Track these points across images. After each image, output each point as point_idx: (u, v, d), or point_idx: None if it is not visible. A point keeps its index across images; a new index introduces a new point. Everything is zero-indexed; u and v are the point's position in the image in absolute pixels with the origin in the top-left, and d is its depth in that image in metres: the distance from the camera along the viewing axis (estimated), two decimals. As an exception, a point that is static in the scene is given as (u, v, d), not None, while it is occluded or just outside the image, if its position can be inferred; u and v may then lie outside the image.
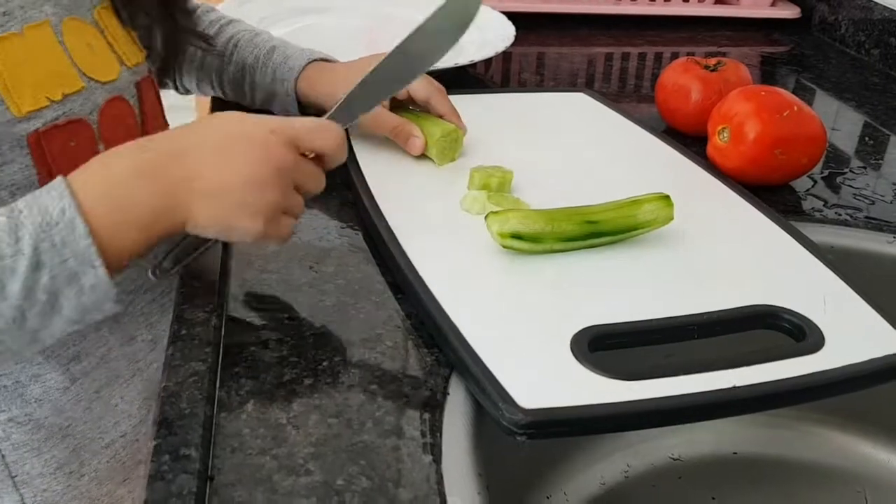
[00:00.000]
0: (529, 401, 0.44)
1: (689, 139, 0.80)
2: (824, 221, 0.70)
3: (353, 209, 0.67)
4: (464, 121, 0.73)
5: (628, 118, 0.82)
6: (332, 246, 0.62)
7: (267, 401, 0.47)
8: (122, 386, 0.67)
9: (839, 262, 0.59)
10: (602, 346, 0.50)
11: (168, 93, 0.79)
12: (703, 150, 0.75)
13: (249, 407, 0.47)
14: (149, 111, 0.65)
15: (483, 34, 1.02)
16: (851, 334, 0.52)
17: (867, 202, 0.74)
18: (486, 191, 0.65)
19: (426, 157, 0.71)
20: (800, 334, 0.52)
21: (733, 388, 0.46)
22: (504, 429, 0.44)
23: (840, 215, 0.71)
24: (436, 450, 0.45)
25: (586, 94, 0.88)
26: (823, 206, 0.73)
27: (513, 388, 0.45)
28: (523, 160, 0.70)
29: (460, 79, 0.94)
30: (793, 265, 0.59)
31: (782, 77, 1.11)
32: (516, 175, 0.67)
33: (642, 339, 0.52)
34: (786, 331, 0.53)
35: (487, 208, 0.62)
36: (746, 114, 0.71)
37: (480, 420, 0.48)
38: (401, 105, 0.75)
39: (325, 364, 0.50)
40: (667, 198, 0.59)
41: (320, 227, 0.64)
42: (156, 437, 0.43)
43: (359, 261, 0.60)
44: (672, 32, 1.25)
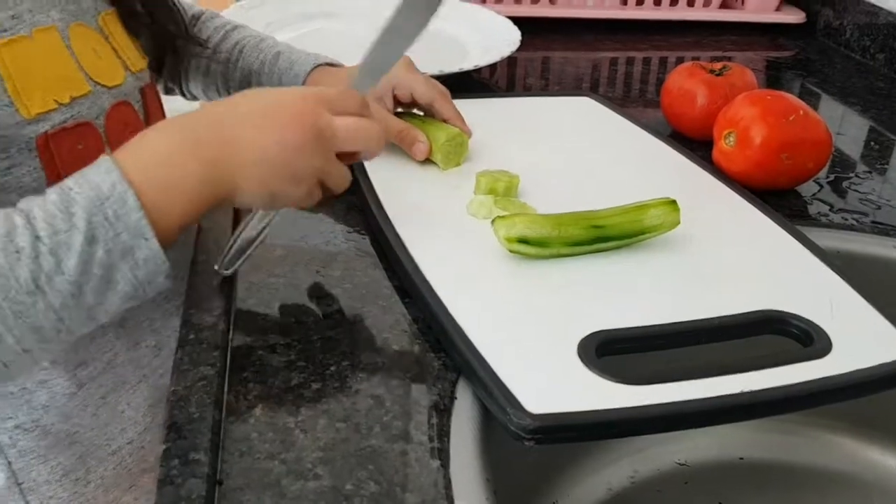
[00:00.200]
0: (537, 406, 0.44)
1: (694, 143, 0.80)
2: (830, 226, 0.70)
3: (360, 214, 0.67)
4: (469, 125, 0.73)
5: (634, 122, 0.82)
6: (338, 250, 0.62)
7: (275, 405, 0.47)
8: (129, 392, 0.67)
9: (845, 266, 0.59)
10: (609, 351, 0.50)
11: (174, 99, 0.80)
12: (708, 154, 0.75)
13: (258, 411, 0.47)
14: (152, 117, 0.66)
15: (488, 39, 1.03)
16: (859, 339, 0.51)
17: (873, 206, 0.74)
18: (493, 195, 0.65)
19: (432, 162, 0.71)
20: (807, 339, 0.52)
21: (741, 393, 0.46)
22: (512, 434, 0.44)
23: (846, 220, 0.71)
24: (443, 454, 0.45)
25: (591, 98, 0.88)
26: (829, 210, 0.73)
27: (520, 393, 0.45)
28: (529, 164, 0.70)
29: (465, 83, 0.94)
30: (799, 270, 0.59)
31: (787, 81, 1.11)
32: (522, 179, 0.67)
33: (650, 343, 0.52)
34: (793, 336, 0.53)
35: (494, 213, 0.62)
36: (752, 118, 0.71)
37: (488, 425, 0.48)
38: (405, 110, 0.75)
39: (332, 368, 0.50)
40: (673, 202, 0.59)
41: (327, 232, 0.65)
42: (165, 440, 0.44)
43: (365, 265, 0.60)
44: (677, 37, 1.25)
